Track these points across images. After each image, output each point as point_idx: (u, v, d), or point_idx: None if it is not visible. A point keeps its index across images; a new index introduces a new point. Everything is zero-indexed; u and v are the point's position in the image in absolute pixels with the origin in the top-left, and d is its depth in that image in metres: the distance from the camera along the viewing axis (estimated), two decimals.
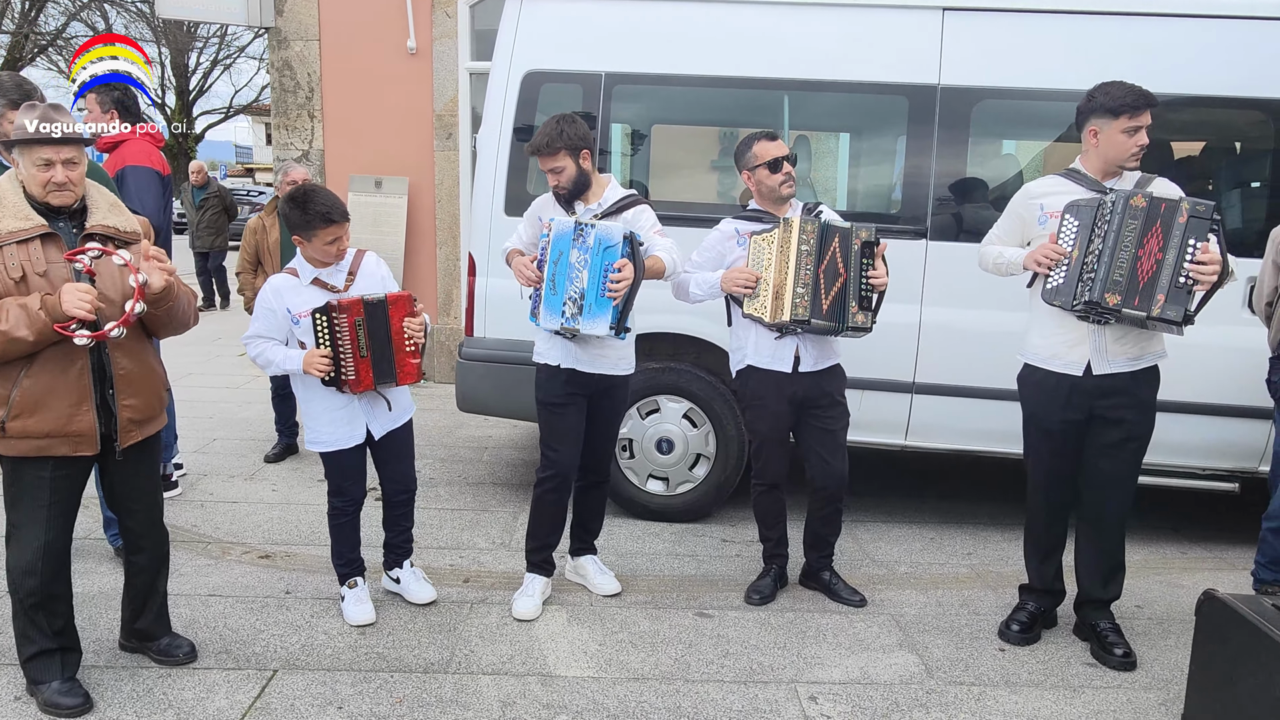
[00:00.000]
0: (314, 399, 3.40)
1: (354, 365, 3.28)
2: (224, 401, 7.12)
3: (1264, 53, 4.19)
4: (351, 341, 3.27)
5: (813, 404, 3.67)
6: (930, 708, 3.05)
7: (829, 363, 3.67)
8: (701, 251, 3.77)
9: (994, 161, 4.77)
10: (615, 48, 4.58)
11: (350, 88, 7.85)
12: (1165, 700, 3.12)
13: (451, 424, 6.50)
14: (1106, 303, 3.08)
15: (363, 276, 3.41)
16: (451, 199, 7.92)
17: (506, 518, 4.74)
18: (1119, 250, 3.08)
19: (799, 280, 3.44)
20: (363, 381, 3.30)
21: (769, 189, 3.62)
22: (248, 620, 3.52)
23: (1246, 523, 4.36)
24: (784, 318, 3.46)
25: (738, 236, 3.67)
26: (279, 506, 4.81)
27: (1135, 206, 3.08)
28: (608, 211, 3.49)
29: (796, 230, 3.45)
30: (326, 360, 3.25)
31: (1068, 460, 3.41)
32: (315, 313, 3.26)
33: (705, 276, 3.68)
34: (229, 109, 31.57)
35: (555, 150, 3.40)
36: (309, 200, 3.21)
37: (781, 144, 3.62)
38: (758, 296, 3.52)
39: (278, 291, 3.34)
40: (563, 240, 3.35)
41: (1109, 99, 3.17)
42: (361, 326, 3.27)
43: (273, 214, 5.45)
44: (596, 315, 3.32)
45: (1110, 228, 3.10)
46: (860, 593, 3.83)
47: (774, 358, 3.63)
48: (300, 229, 3.25)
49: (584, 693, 3.08)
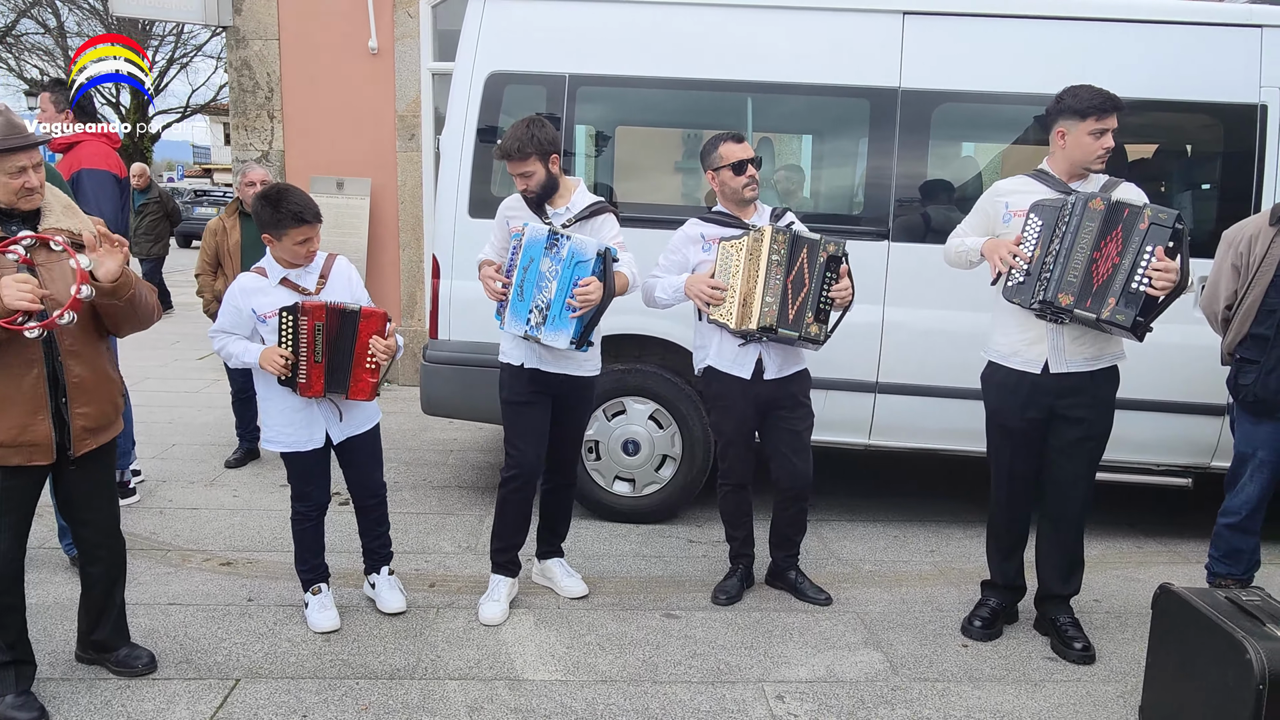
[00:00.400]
0: (272, 398, 3.37)
1: (307, 369, 3.25)
2: (183, 406, 7.01)
3: (1213, 58, 4.30)
4: (309, 345, 3.24)
5: (778, 405, 3.69)
6: (895, 705, 3.09)
7: (794, 369, 3.70)
8: (666, 254, 3.77)
9: (954, 163, 4.84)
10: (579, 49, 4.57)
11: (311, 88, 7.77)
12: (1123, 692, 3.19)
13: (416, 427, 6.45)
14: (1059, 302, 3.14)
15: (334, 280, 3.39)
16: (415, 200, 7.86)
17: (472, 521, 4.71)
18: (1075, 251, 3.13)
19: (768, 289, 3.45)
20: (313, 386, 3.27)
21: (732, 190, 3.63)
22: (209, 629, 3.46)
23: (1199, 517, 4.45)
24: (751, 325, 3.47)
25: (703, 241, 3.67)
26: (240, 512, 4.74)
27: (1093, 209, 3.14)
28: (578, 217, 3.49)
29: (768, 240, 3.46)
30: (284, 359, 3.22)
31: (1029, 458, 3.47)
32: (282, 311, 3.23)
33: (671, 281, 3.68)
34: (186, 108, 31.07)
35: (526, 155, 3.38)
36: (281, 199, 3.19)
37: (747, 146, 3.64)
38: (723, 304, 3.54)
39: (244, 291, 3.31)
40: (534, 247, 3.34)
41: (1077, 101, 3.23)
42: (321, 331, 3.24)
43: (233, 215, 5.37)
44: (559, 328, 3.33)
45: (1069, 229, 3.16)
46: (826, 591, 3.86)
47: (735, 363, 3.65)
48: (270, 227, 3.22)
49: (552, 696, 3.07)
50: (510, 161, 3.42)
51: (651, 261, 3.80)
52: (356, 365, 3.31)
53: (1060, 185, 3.31)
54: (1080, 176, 3.32)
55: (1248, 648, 2.45)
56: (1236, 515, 3.65)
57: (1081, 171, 3.30)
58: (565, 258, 3.30)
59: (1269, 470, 3.56)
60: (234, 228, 5.32)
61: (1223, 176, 4.49)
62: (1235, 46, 4.29)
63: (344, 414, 3.42)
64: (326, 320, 3.25)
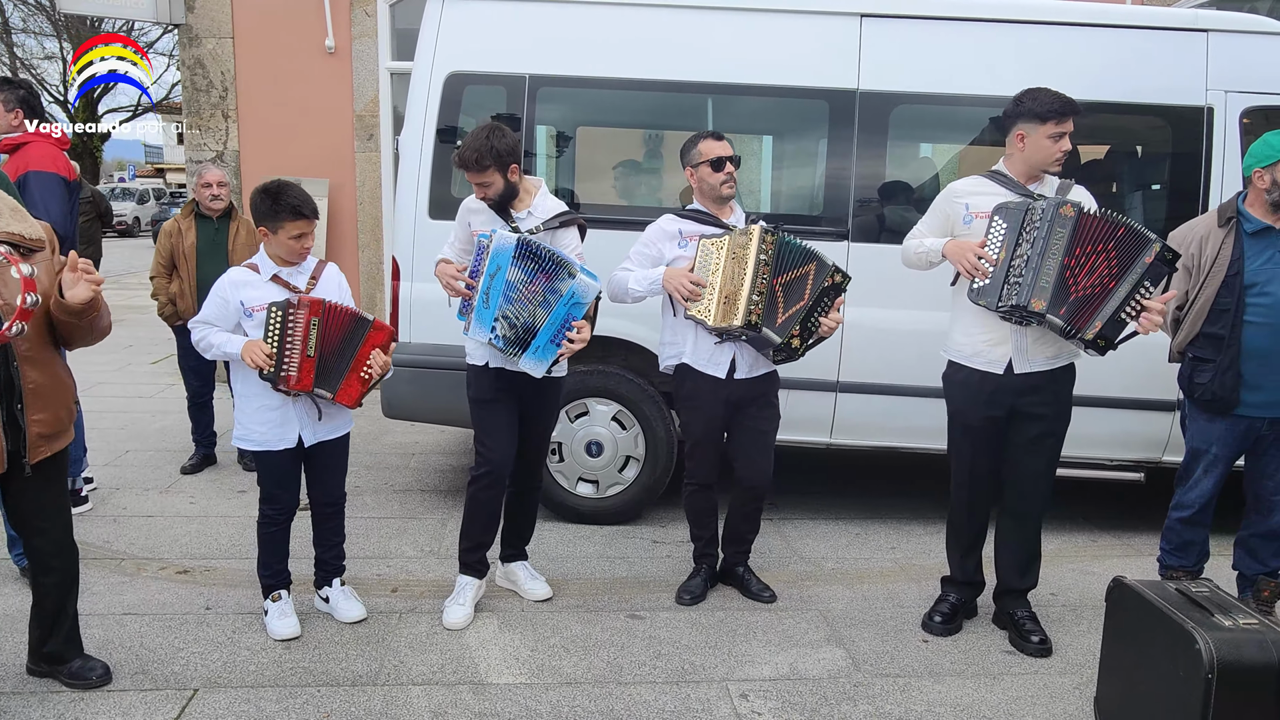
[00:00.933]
0: (249, 395, 3.35)
1: (298, 362, 3.23)
2: (137, 412, 6.87)
3: (1162, 61, 4.39)
4: (302, 339, 3.22)
5: (748, 405, 3.71)
6: (858, 700, 3.12)
7: (765, 369, 3.71)
8: (639, 248, 3.74)
9: (912, 164, 4.90)
10: (539, 50, 4.56)
11: (266, 87, 7.66)
12: (1079, 684, 3.25)
13: (377, 430, 6.39)
14: (1033, 307, 3.16)
15: (324, 284, 3.41)
16: (374, 201, 7.78)
17: (435, 524, 4.68)
18: (1047, 257, 3.15)
19: (755, 288, 3.44)
20: (302, 380, 3.24)
21: (710, 187, 3.64)
22: (165, 639, 3.40)
23: (1151, 510, 4.55)
24: (735, 322, 3.44)
25: (680, 237, 3.67)
26: (197, 520, 4.66)
27: (1064, 215, 3.16)
28: (546, 226, 3.48)
29: (757, 239, 3.45)
30: (266, 353, 3.19)
31: (990, 456, 3.52)
32: (271, 306, 3.23)
33: (646, 273, 3.66)
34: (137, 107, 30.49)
35: (484, 167, 3.37)
36: (281, 192, 3.22)
37: (726, 144, 3.65)
38: (702, 300, 3.53)
39: (235, 284, 3.31)
40: (502, 255, 3.33)
41: (1037, 104, 3.27)
42: (317, 327, 3.24)
43: (189, 217, 5.27)
44: (542, 358, 3.36)
45: (1040, 234, 3.17)
46: (770, 589, 3.89)
47: (710, 362, 3.65)
48: (267, 219, 3.24)
49: (516, 700, 3.06)
50: (468, 171, 3.41)
51: (612, 263, 3.79)
52: (352, 371, 3.33)
53: (1018, 187, 3.36)
54: (1037, 178, 3.37)
55: (1197, 638, 2.51)
56: (1190, 509, 3.72)
57: (1039, 174, 3.36)
58: (565, 295, 3.33)
59: (1222, 465, 3.64)
60: (189, 229, 5.23)
61: (1171, 177, 4.59)
62: (1183, 50, 4.39)
63: (323, 414, 3.41)
64: (325, 317, 3.25)
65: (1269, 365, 3.45)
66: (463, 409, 3.72)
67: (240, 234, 5.24)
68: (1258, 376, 3.46)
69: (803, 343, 3.52)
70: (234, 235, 5.24)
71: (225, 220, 5.27)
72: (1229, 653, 2.47)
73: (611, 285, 3.72)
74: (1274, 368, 3.45)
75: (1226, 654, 2.47)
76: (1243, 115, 4.35)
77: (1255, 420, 3.53)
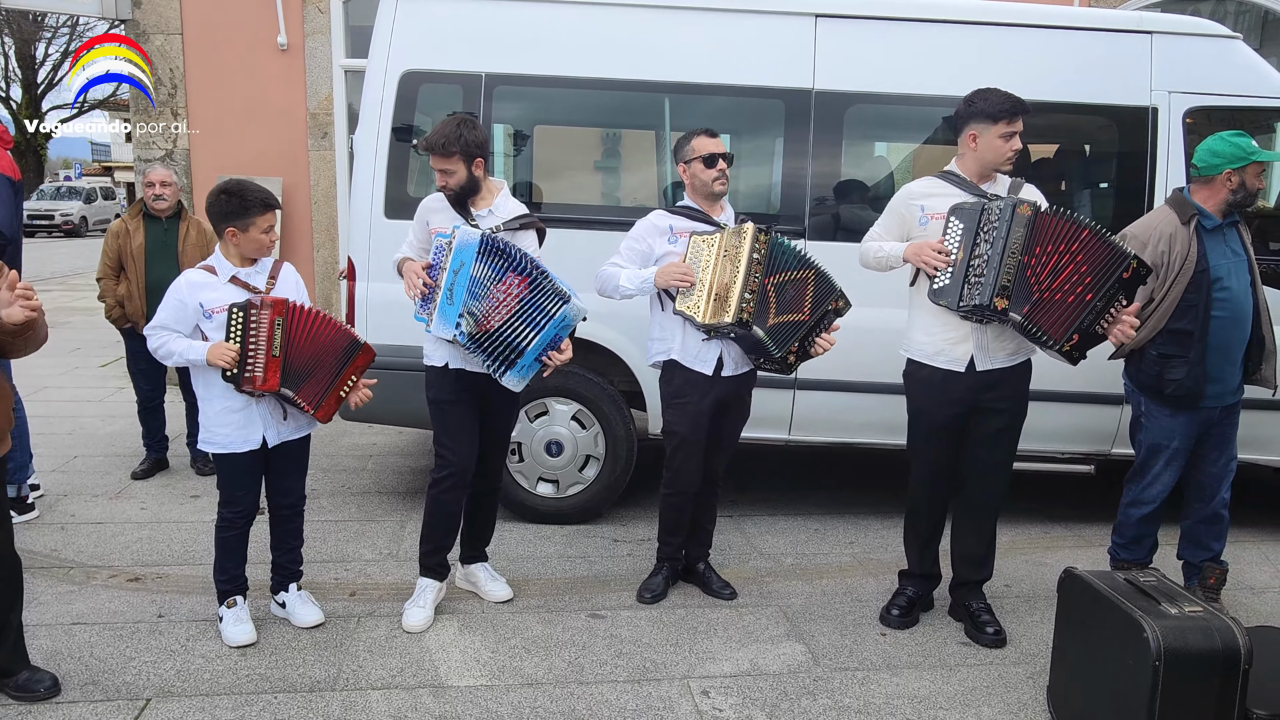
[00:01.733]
0: (212, 398, 3.30)
1: (263, 363, 3.19)
2: (85, 416, 6.71)
3: (1108, 62, 4.49)
4: (267, 339, 3.19)
5: (730, 404, 3.74)
6: (817, 694, 3.15)
7: (748, 366, 3.72)
8: (629, 243, 3.71)
9: (867, 163, 4.95)
10: (496, 48, 4.53)
11: (217, 84, 7.52)
12: (1033, 673, 3.31)
13: (334, 433, 6.31)
14: (995, 306, 3.19)
15: (282, 283, 3.37)
16: (329, 201, 7.68)
17: (393, 527, 4.64)
18: (1006, 256, 3.18)
19: (747, 286, 3.43)
20: (268, 380, 3.21)
21: (702, 183, 3.64)
22: (117, 648, 3.33)
23: (1100, 502, 4.66)
24: (727, 319, 3.44)
25: (670, 233, 3.66)
26: (149, 526, 4.57)
27: (1021, 215, 3.19)
28: (506, 226, 3.47)
29: (750, 238, 3.45)
30: (232, 353, 3.16)
31: (951, 452, 3.57)
32: (232, 306, 3.20)
33: (638, 272, 3.63)
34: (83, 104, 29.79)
35: (450, 153, 3.36)
36: (245, 189, 3.22)
37: (720, 142, 3.67)
38: (691, 295, 3.52)
39: (192, 285, 3.26)
40: (466, 251, 3.31)
41: (989, 105, 3.32)
42: (280, 326, 3.21)
43: (137, 217, 5.16)
44: (524, 375, 3.38)
45: (998, 234, 3.20)
46: (731, 586, 3.91)
47: (698, 359, 3.65)
48: (238, 217, 3.21)
49: (477, 702, 3.05)
50: (433, 155, 3.40)
51: (569, 261, 3.79)
52: (335, 388, 3.34)
53: (972, 187, 3.41)
54: (989, 178, 3.42)
55: (1145, 627, 2.57)
56: (1151, 505, 3.77)
57: (991, 173, 3.41)
58: (556, 319, 3.34)
59: (1182, 459, 3.72)
60: (137, 230, 5.12)
61: (1118, 175, 4.69)
62: (1129, 52, 4.49)
63: (288, 414, 3.38)
64: (289, 318, 3.23)
65: (1226, 357, 3.57)
66: (421, 410, 3.68)
67: (190, 234, 5.14)
68: (1218, 368, 3.57)
69: (797, 360, 3.57)
70: (184, 236, 5.14)
71: (175, 220, 5.17)
72: (1175, 640, 2.54)
73: (600, 281, 3.70)
74: (1230, 359, 3.58)
75: (1173, 642, 2.53)
76: (1186, 115, 4.46)
77: (1211, 411, 3.64)
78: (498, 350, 3.34)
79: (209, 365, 3.19)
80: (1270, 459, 4.63)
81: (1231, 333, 3.54)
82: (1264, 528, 4.88)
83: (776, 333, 3.51)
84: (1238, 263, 3.58)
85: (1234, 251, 3.58)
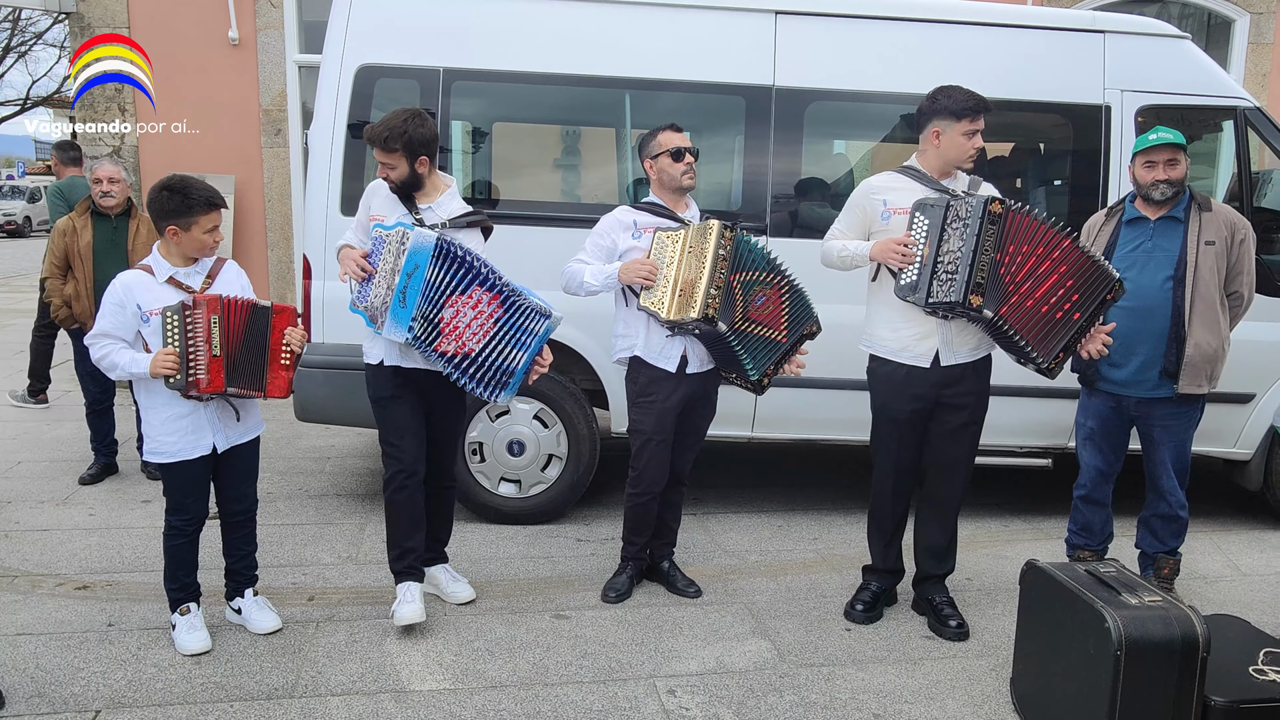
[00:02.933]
0: (155, 406, 3.20)
1: (205, 364, 3.10)
2: (30, 420, 6.52)
3: (1062, 61, 4.55)
4: (205, 339, 3.09)
5: (696, 401, 3.73)
6: (784, 691, 3.15)
7: (712, 364, 3.71)
8: (593, 239, 3.69)
9: (827, 160, 4.97)
10: (453, 43, 4.47)
11: (166, 80, 7.34)
12: (996, 665, 3.34)
13: (290, 434, 6.19)
14: (970, 304, 3.18)
15: (221, 283, 3.28)
16: (283, 198, 7.54)
17: (352, 530, 4.55)
18: (980, 254, 3.17)
19: (713, 282, 3.40)
20: (212, 381, 3.11)
21: (670, 178, 3.62)
22: (64, 658, 3.23)
23: (1060, 495, 4.71)
24: (691, 315, 3.40)
25: (634, 229, 3.63)
26: (98, 532, 4.44)
27: (994, 213, 3.18)
28: (453, 224, 3.43)
29: (716, 234, 3.42)
30: (173, 359, 3.07)
31: (914, 447, 3.59)
32: (165, 310, 3.09)
33: (602, 268, 3.61)
34: (26, 100, 28.99)
35: (391, 149, 3.31)
36: (188, 186, 3.12)
37: (685, 136, 3.65)
38: (656, 291, 3.50)
39: (128, 287, 3.15)
40: (420, 255, 3.27)
41: (952, 103, 3.34)
42: (218, 324, 3.11)
43: (84, 215, 5.01)
44: (510, 393, 3.40)
45: (970, 231, 3.19)
46: (696, 583, 3.90)
47: (661, 355, 3.63)
48: (180, 216, 3.11)
49: (440, 706, 3.00)
50: (375, 148, 3.36)
51: (528, 259, 3.75)
52: (272, 363, 3.23)
53: (933, 183, 3.42)
54: (949, 174, 3.44)
55: (1106, 617, 2.59)
56: (1084, 488, 3.91)
57: (951, 170, 3.43)
58: (541, 335, 3.35)
59: (1099, 440, 3.82)
60: (85, 228, 4.98)
61: (1073, 173, 4.76)
62: (1082, 51, 4.55)
63: (240, 415, 3.31)
64: (225, 313, 3.13)
65: (1128, 346, 3.62)
66: None
67: (141, 232, 5.01)
68: (1118, 354, 3.63)
69: (770, 382, 3.62)
70: (134, 234, 5.00)
71: (124, 218, 5.03)
72: (1136, 630, 2.57)
73: (565, 278, 3.67)
74: (1133, 349, 3.63)
75: (1134, 631, 2.56)
76: (1137, 114, 4.54)
77: (1123, 399, 3.72)
78: (488, 376, 3.34)
79: (153, 378, 3.09)
80: (1219, 450, 4.72)
81: (1131, 322, 3.58)
82: (1215, 518, 4.99)
83: (753, 347, 3.52)
84: (1155, 257, 3.60)
85: (1158, 246, 3.61)
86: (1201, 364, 3.59)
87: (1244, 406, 4.62)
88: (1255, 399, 4.62)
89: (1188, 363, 3.57)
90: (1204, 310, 3.58)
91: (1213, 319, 3.59)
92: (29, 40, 26.92)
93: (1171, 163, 3.54)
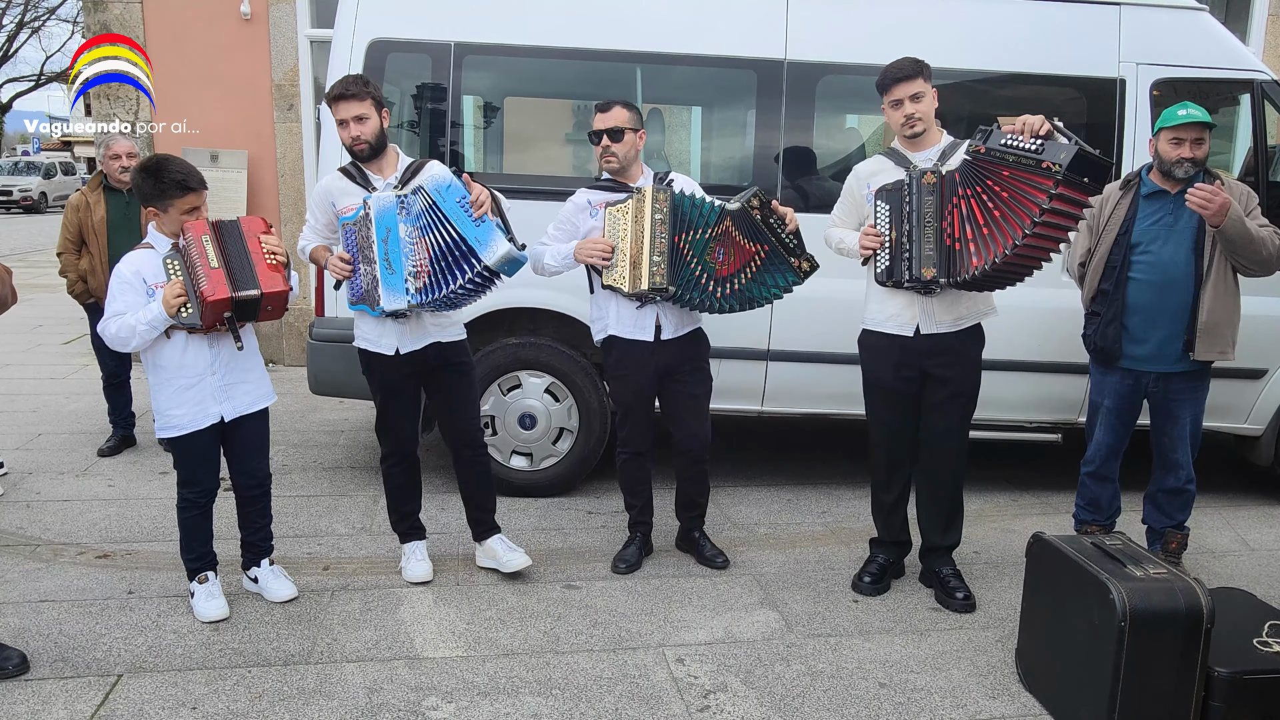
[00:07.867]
0: (163, 382, 3.24)
1: (208, 278, 3.08)
2: (49, 394, 6.60)
3: (1078, 34, 4.50)
4: (201, 256, 3.09)
5: (676, 370, 3.73)
6: (791, 661, 3.19)
7: (690, 328, 3.74)
8: (557, 224, 3.76)
9: (839, 135, 4.95)
10: (465, 17, 4.46)
11: (179, 55, 7.35)
12: (1002, 637, 3.37)
13: (304, 408, 6.25)
14: (924, 277, 3.30)
15: None
16: (295, 174, 7.56)
17: (366, 501, 4.61)
18: (924, 227, 3.28)
19: (655, 249, 3.46)
20: (217, 291, 3.08)
21: (598, 159, 3.66)
22: (86, 625, 3.30)
23: (1069, 470, 4.72)
24: (643, 287, 3.47)
25: (590, 208, 3.67)
26: (117, 503, 4.51)
27: (928, 184, 3.28)
28: (405, 179, 3.41)
29: (650, 199, 3.46)
30: (179, 287, 3.07)
31: (905, 417, 3.62)
32: (165, 258, 3.13)
33: (559, 248, 3.67)
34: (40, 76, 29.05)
35: (363, 97, 3.31)
36: (162, 169, 3.11)
37: (608, 117, 3.60)
38: (615, 267, 3.53)
39: (131, 261, 3.20)
40: (388, 216, 3.28)
41: (879, 80, 3.40)
42: (210, 240, 3.13)
43: (97, 190, 5.06)
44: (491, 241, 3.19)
45: (913, 208, 3.31)
46: (724, 554, 3.95)
47: (636, 327, 3.66)
48: (155, 199, 3.13)
49: (453, 673, 3.05)
50: (343, 102, 3.31)
51: (540, 235, 3.77)
52: (259, 264, 3.19)
53: (903, 160, 3.46)
54: (920, 146, 3.45)
55: (1111, 588, 2.62)
56: (1092, 464, 3.90)
57: (918, 143, 3.44)
58: (433, 195, 3.19)
59: (1114, 419, 3.81)
60: (98, 203, 5.02)
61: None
62: (1097, 23, 4.51)
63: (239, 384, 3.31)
64: (212, 231, 3.15)
65: (1151, 321, 3.61)
66: None
67: None
68: (1141, 330, 3.62)
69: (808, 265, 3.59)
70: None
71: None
72: (1140, 601, 2.59)
73: (533, 260, 3.69)
74: (1156, 323, 3.61)
75: (1138, 603, 2.59)
76: (1153, 87, 4.50)
77: (1142, 374, 3.70)
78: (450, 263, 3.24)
79: (168, 315, 3.07)
80: (1231, 426, 4.72)
81: (1154, 297, 3.58)
82: (1224, 493, 4.99)
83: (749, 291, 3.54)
84: (1177, 230, 3.58)
85: (1179, 219, 3.58)
86: (1223, 330, 3.58)
87: (1256, 382, 4.61)
88: (1267, 374, 4.60)
89: (1204, 329, 3.56)
90: (1218, 280, 3.58)
91: (1224, 288, 3.59)
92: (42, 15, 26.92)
93: (1198, 142, 3.52)
